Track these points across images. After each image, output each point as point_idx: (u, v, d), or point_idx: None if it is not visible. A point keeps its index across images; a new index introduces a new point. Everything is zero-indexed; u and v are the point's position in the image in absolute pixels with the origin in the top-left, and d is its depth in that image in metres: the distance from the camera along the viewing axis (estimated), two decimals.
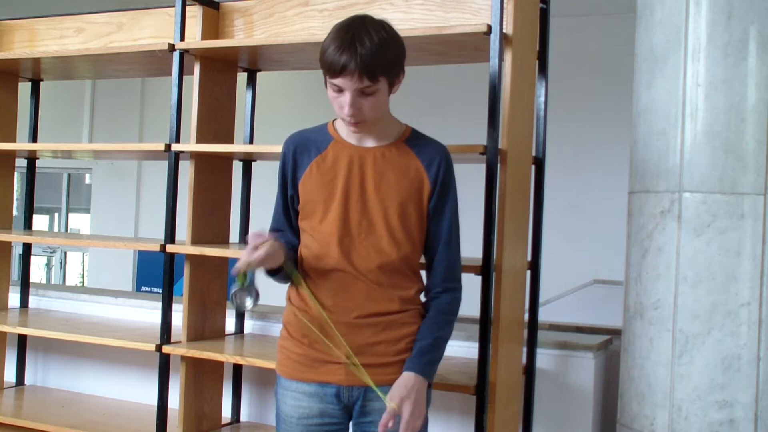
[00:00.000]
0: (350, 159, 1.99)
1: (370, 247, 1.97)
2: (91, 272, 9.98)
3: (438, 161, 2.02)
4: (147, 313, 3.63)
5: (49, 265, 10.35)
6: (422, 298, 2.08)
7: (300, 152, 2.03)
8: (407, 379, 1.91)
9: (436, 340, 1.98)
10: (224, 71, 3.16)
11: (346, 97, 1.87)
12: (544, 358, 2.93)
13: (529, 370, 2.78)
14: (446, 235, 2.02)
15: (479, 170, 2.44)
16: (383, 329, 1.98)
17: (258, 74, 3.36)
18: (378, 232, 1.97)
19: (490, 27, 2.43)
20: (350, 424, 2.03)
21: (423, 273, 2.10)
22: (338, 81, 1.86)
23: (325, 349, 1.98)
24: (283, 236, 2.04)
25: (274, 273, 2.00)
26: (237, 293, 1.94)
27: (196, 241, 3.04)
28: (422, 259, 2.08)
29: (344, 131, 2.03)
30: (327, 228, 1.97)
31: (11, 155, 3.79)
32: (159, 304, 3.10)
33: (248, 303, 1.95)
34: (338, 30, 1.88)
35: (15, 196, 4.24)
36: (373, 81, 1.85)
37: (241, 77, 3.29)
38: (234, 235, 3.28)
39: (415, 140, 2.04)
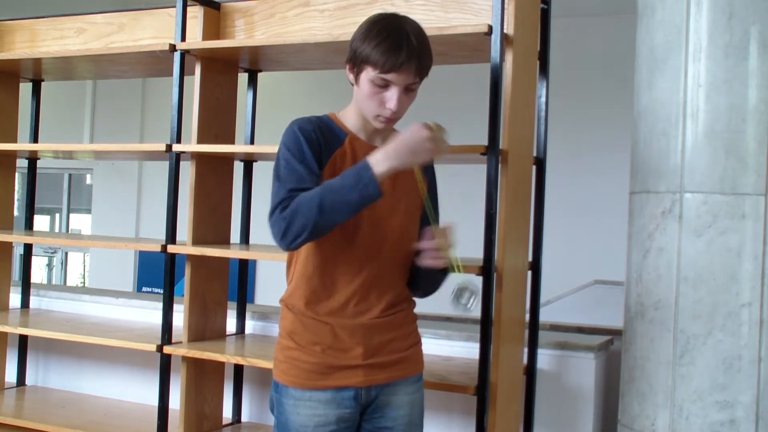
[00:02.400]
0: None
1: (394, 245, 1.99)
2: (92, 273, 9.98)
3: None
4: (148, 313, 3.63)
5: (50, 265, 10.36)
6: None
7: (324, 138, 1.94)
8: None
9: None
10: (225, 71, 3.16)
11: (393, 93, 1.87)
12: (545, 359, 2.93)
13: (530, 371, 2.78)
14: (438, 219, 2.09)
15: (480, 170, 2.44)
16: (396, 326, 2.01)
17: (259, 75, 3.36)
18: (398, 231, 1.99)
19: (491, 27, 2.43)
20: (361, 421, 2.02)
21: None
22: (391, 76, 1.85)
23: (338, 354, 1.96)
24: None
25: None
26: (461, 292, 1.88)
27: (197, 241, 3.04)
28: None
29: (353, 127, 2.00)
30: (354, 227, 1.93)
31: (12, 156, 3.79)
32: (160, 305, 3.10)
33: (473, 301, 1.89)
34: (383, 25, 1.88)
35: (16, 197, 4.24)
36: (421, 77, 1.90)
37: (242, 77, 3.30)
38: (235, 235, 3.29)
39: None
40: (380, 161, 1.79)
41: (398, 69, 1.84)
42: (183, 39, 3.05)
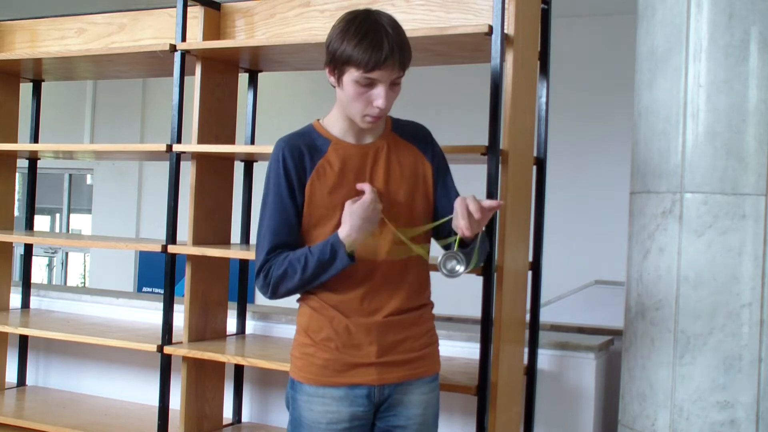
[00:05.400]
0: (356, 159, 1.98)
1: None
2: (92, 273, 9.98)
3: (429, 140, 2.08)
4: (148, 313, 3.63)
5: (50, 265, 10.36)
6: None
7: (301, 157, 1.96)
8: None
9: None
10: (225, 72, 3.16)
11: (380, 90, 1.86)
12: (546, 359, 2.93)
13: (531, 371, 2.78)
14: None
15: (480, 171, 2.44)
16: (409, 325, 2.00)
17: (259, 75, 3.36)
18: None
19: (491, 27, 2.43)
20: (374, 419, 2.01)
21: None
22: (376, 74, 1.84)
23: (352, 351, 1.96)
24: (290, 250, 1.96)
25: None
26: (447, 259, 1.86)
27: (197, 241, 3.04)
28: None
29: (339, 131, 1.99)
30: None
31: (12, 156, 3.79)
32: (160, 305, 3.10)
33: (459, 268, 1.87)
34: (359, 23, 1.86)
35: (16, 197, 4.24)
36: (404, 70, 1.89)
37: (243, 78, 3.30)
38: (235, 235, 3.28)
39: (399, 127, 2.06)
40: (346, 239, 1.87)
41: (382, 65, 1.83)
42: (183, 39, 3.05)
